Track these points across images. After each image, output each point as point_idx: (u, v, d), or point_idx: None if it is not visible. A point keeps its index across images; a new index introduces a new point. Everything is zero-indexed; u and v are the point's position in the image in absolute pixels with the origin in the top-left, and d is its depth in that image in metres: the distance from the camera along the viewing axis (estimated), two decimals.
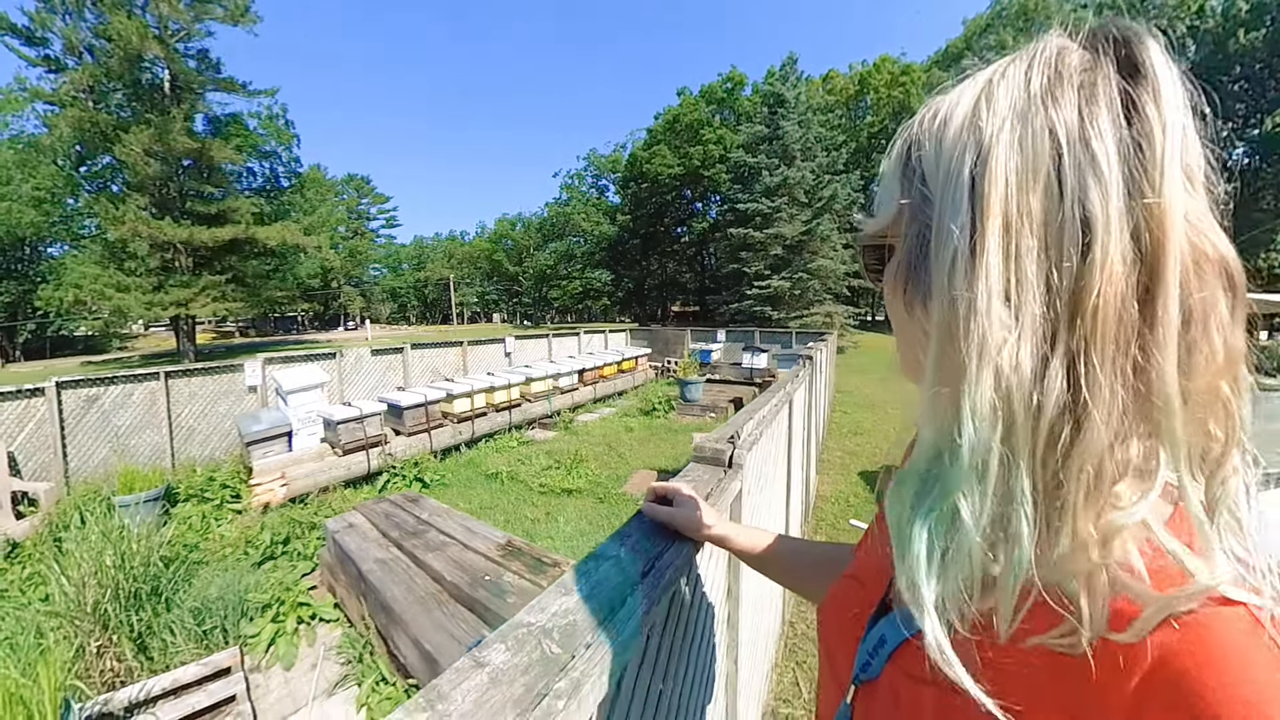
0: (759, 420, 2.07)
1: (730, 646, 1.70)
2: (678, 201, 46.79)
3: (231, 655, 3.13)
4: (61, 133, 22.24)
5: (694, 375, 12.98)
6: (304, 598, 3.90)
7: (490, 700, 0.54)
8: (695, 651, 1.27)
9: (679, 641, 1.09)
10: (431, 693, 0.54)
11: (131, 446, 7.24)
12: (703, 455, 1.53)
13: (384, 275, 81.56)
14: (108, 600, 3.09)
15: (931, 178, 0.44)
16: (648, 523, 0.98)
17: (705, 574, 1.29)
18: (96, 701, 2.47)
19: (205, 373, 8.09)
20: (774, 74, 33.12)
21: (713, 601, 1.40)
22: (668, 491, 1.02)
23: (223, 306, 24.76)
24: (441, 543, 3.56)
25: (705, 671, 1.39)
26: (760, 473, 2.20)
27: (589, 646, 0.64)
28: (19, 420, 6.45)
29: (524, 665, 0.59)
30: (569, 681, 0.58)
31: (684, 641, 1.13)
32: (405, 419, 8.11)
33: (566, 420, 10.77)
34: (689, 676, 1.23)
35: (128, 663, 3.01)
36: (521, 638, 0.63)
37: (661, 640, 0.97)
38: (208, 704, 2.74)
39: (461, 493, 6.90)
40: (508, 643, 0.62)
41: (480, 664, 0.58)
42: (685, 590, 1.07)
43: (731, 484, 1.45)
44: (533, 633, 0.64)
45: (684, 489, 1.01)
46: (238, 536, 5.32)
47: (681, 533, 0.96)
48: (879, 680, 0.54)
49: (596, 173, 57.30)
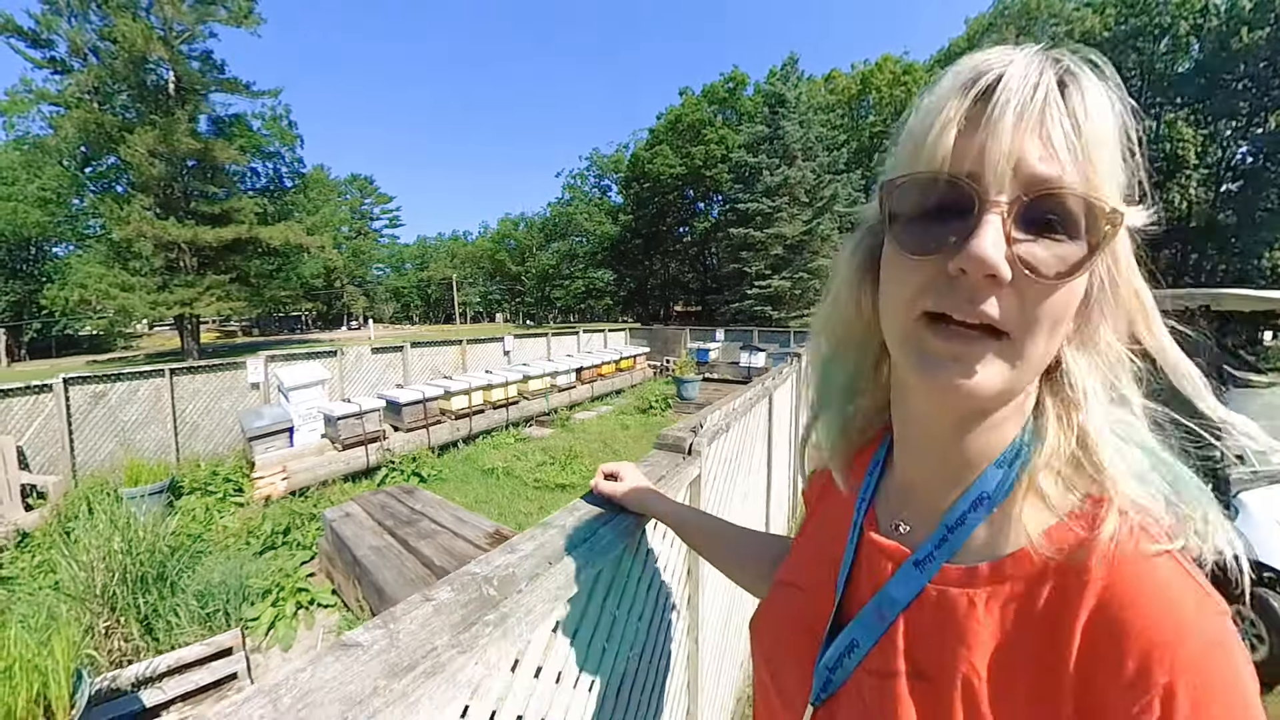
0: (726, 413, 2.21)
1: (691, 627, 1.82)
2: (680, 201, 46.85)
3: (233, 637, 3.29)
4: (67, 134, 22.37)
5: (691, 374, 13.12)
6: (303, 584, 4.07)
7: (432, 624, 0.68)
8: (649, 625, 1.37)
9: (625, 608, 1.21)
10: (387, 616, 0.68)
11: (137, 441, 7.42)
12: (664, 443, 1.67)
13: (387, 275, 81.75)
14: (116, 583, 3.26)
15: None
16: (594, 497, 1.12)
17: (659, 552, 1.41)
18: (106, 677, 2.63)
19: (209, 370, 8.27)
20: (775, 74, 33.25)
21: (669, 580, 1.51)
22: (615, 471, 1.15)
23: (226, 306, 24.92)
24: (433, 531, 3.72)
25: (661, 646, 1.50)
26: (730, 463, 2.32)
27: (520, 592, 0.78)
28: (28, 415, 6.63)
29: (463, 601, 0.73)
30: (498, 615, 0.72)
31: (631, 611, 1.25)
32: (404, 415, 8.28)
33: (564, 418, 10.93)
34: (645, 646, 1.35)
35: (135, 642, 3.17)
36: (465, 582, 0.77)
37: (605, 603, 1.10)
38: (210, 681, 2.90)
39: (458, 487, 7.06)
40: (454, 586, 0.76)
41: (429, 599, 0.72)
42: (629, 560, 1.20)
43: (688, 469, 1.59)
44: (475, 580, 0.78)
45: (625, 468, 1.15)
46: (240, 527, 5.50)
47: (625, 506, 1.09)
48: (841, 691, 0.54)
49: (599, 172, 57.36)
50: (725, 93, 46.41)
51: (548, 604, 0.82)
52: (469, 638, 0.67)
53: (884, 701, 0.49)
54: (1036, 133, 0.40)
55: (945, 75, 0.45)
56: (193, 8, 22.99)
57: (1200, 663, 0.38)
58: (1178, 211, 33.65)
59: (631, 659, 1.24)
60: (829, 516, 0.68)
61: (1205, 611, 0.40)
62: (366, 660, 0.60)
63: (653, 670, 1.41)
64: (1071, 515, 0.45)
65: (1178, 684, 0.37)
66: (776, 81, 30.94)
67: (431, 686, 0.60)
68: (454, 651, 0.64)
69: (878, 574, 0.55)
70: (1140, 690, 0.37)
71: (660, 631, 1.47)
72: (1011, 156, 0.40)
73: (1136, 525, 0.42)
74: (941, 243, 0.43)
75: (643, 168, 44.62)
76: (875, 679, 0.50)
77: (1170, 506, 0.44)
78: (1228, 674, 0.38)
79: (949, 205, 0.43)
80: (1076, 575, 0.42)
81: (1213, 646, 0.38)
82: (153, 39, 21.31)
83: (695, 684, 1.87)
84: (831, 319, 0.61)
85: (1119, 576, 0.41)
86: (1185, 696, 0.36)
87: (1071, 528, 0.44)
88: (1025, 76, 0.41)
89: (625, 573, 1.18)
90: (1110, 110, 0.42)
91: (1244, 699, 0.38)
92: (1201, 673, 0.37)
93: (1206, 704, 0.36)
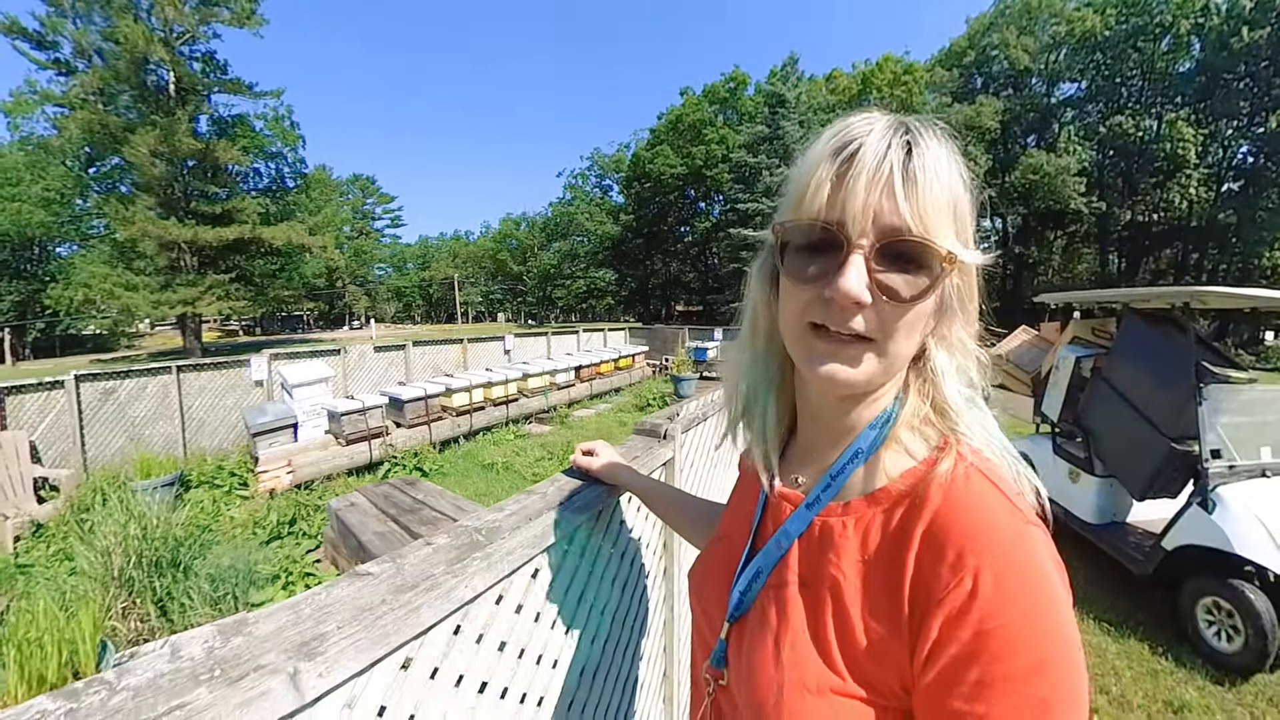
0: (703, 403, 2.37)
1: (668, 596, 1.97)
2: (681, 201, 46.88)
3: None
4: (71, 134, 22.61)
5: (688, 373, 13.27)
6: (309, 569, 4.24)
7: (432, 559, 0.84)
8: (625, 589, 1.52)
9: (600, 569, 1.37)
10: (394, 554, 0.85)
11: (146, 436, 7.60)
12: (642, 429, 1.83)
13: (389, 275, 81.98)
14: (132, 567, 3.43)
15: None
16: (573, 471, 1.28)
17: (635, 525, 1.55)
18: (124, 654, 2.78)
19: (214, 367, 8.46)
20: (776, 74, 33.37)
21: (644, 551, 1.65)
22: (591, 448, 1.32)
23: (228, 305, 25.12)
24: (434, 518, 3.91)
25: (637, 610, 1.64)
26: (707, 451, 2.46)
27: (503, 539, 0.95)
28: (40, 411, 6.81)
29: (457, 545, 0.89)
30: (483, 554, 0.89)
31: (606, 572, 1.39)
32: (406, 412, 8.45)
33: (563, 415, 11.10)
34: (620, 607, 1.50)
35: (151, 623, 3.34)
36: (459, 531, 0.93)
37: (582, 558, 1.26)
38: None
39: (459, 481, 7.23)
40: (450, 534, 0.92)
41: (429, 543, 0.89)
42: (602, 524, 1.35)
43: (662, 451, 1.75)
44: (468, 529, 0.94)
45: (601, 445, 1.31)
46: (246, 519, 5.67)
47: (600, 479, 1.26)
48: (752, 608, 0.66)
49: (600, 172, 57.45)
50: (726, 93, 46.44)
51: (527, 549, 0.99)
52: (460, 567, 0.84)
53: (779, 607, 0.62)
54: (887, 193, 0.53)
55: (822, 136, 0.60)
56: (194, 9, 23.11)
57: (1004, 550, 0.48)
58: (1178, 211, 33.57)
59: (606, 615, 1.40)
60: (749, 482, 0.82)
61: (1015, 518, 0.51)
62: (376, 584, 0.76)
63: (629, 631, 1.56)
64: (925, 462, 0.58)
65: (983, 565, 0.47)
66: (777, 81, 31.10)
67: (430, 599, 0.76)
68: (448, 576, 0.81)
69: (779, 516, 0.69)
70: (956, 570, 0.48)
71: (636, 596, 1.61)
72: (866, 211, 0.53)
73: (972, 467, 0.55)
74: (819, 274, 0.57)
75: (644, 167, 44.69)
76: (773, 591, 0.64)
77: (1006, 456, 0.58)
78: (1027, 559, 0.48)
79: (823, 245, 0.56)
80: (919, 499, 0.55)
81: (1017, 539, 0.49)
82: (153, 41, 21.43)
83: (672, 649, 2.02)
84: (755, 325, 0.74)
85: (948, 497, 0.53)
86: (989, 573, 0.47)
87: (921, 468, 0.58)
88: (877, 148, 0.54)
89: (600, 535, 1.34)
90: (946, 173, 0.55)
91: (1041, 578, 0.48)
92: (1005, 558, 0.48)
93: (1006, 579, 0.47)
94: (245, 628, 0.63)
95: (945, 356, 0.62)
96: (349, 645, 0.67)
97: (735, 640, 0.68)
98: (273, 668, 0.58)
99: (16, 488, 6.15)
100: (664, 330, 19.38)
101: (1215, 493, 3.55)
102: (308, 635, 0.64)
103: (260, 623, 0.64)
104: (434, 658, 0.82)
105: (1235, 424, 3.80)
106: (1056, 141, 35.03)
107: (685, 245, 49.00)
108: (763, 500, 0.74)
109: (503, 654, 0.98)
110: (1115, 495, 4.66)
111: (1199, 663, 3.54)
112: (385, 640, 0.71)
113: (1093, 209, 33.05)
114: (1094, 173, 34.21)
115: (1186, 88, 31.70)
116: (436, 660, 0.82)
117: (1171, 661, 3.57)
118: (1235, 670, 3.42)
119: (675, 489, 1.27)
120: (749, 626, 0.66)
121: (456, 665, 0.87)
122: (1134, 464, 4.20)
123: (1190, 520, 3.67)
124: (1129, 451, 4.25)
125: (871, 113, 0.59)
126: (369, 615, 0.70)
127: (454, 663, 0.86)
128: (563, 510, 1.11)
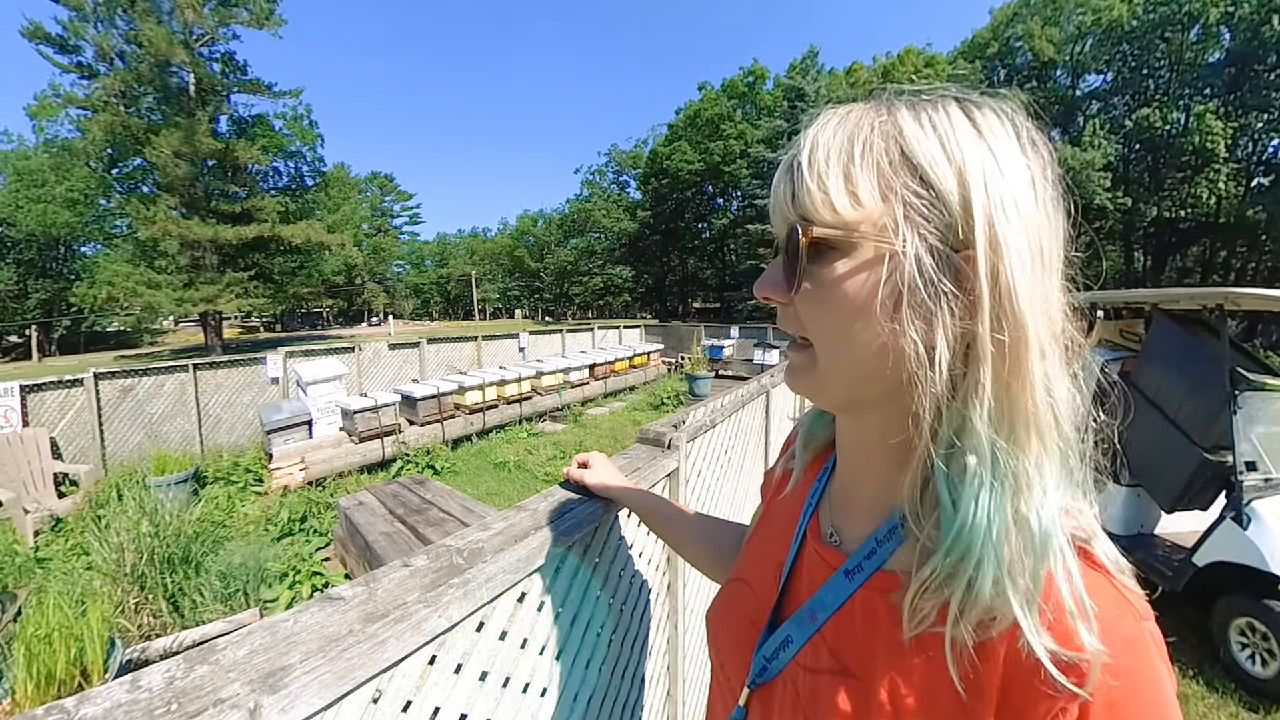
0: (711, 410, 2.30)
1: (672, 613, 1.91)
2: (698, 197, 46.56)
3: (252, 615, 3.50)
4: (94, 136, 23.01)
5: (703, 371, 13.20)
6: (318, 568, 4.27)
7: (406, 584, 0.80)
8: (624, 607, 1.45)
9: (597, 587, 1.31)
10: (369, 577, 0.80)
11: (163, 433, 7.72)
12: (645, 437, 1.77)
13: (407, 271, 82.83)
14: (145, 564, 3.48)
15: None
16: (567, 484, 1.23)
17: (634, 540, 1.47)
18: (136, 648, 2.82)
19: (231, 365, 8.56)
20: (795, 67, 32.99)
21: (645, 567, 1.57)
22: (586, 460, 1.26)
23: (249, 303, 25.52)
24: (441, 519, 3.89)
25: (638, 629, 1.56)
26: (716, 459, 2.38)
27: (485, 563, 0.90)
28: (60, 408, 6.94)
29: (435, 568, 0.85)
30: (461, 580, 0.84)
31: (604, 590, 1.34)
32: (419, 409, 8.48)
33: (576, 413, 11.09)
34: (620, 627, 1.44)
35: (163, 618, 3.40)
36: (440, 552, 0.89)
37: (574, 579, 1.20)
38: None
39: (470, 479, 7.24)
40: (429, 555, 0.88)
41: (406, 565, 0.85)
42: (597, 542, 1.30)
43: (666, 461, 1.68)
44: (448, 551, 0.90)
45: (596, 457, 1.25)
46: (259, 515, 5.73)
47: (594, 493, 1.20)
48: (776, 680, 0.58)
49: (618, 169, 57.27)
50: (744, 87, 46.00)
51: (510, 575, 0.93)
52: (434, 595, 0.79)
53: (815, 695, 0.52)
54: (785, 191, 0.52)
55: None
56: (213, 11, 23.43)
57: (1115, 663, 0.40)
58: (1206, 207, 32.61)
59: (603, 637, 1.34)
60: (777, 518, 0.73)
61: (1125, 616, 0.42)
62: (346, 611, 0.72)
63: (630, 650, 1.49)
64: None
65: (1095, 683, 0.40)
66: (796, 75, 30.80)
67: (398, 630, 0.72)
68: (420, 605, 0.76)
69: (815, 578, 0.59)
70: (1059, 690, 0.40)
71: (637, 615, 1.53)
72: (774, 211, 0.53)
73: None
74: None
75: (661, 164, 44.42)
76: (807, 674, 0.54)
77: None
78: (1143, 673, 0.41)
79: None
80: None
81: (1128, 647, 0.41)
82: (174, 43, 21.75)
83: (676, 668, 1.96)
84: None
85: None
86: (1101, 695, 0.39)
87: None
88: (789, 158, 0.53)
89: (595, 554, 1.28)
90: (835, 138, 0.50)
91: (1159, 696, 0.41)
92: (1117, 673, 0.40)
93: (1120, 702, 0.40)
94: (213, 655, 0.61)
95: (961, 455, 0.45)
96: (312, 680, 0.63)
97: (759, 712, 0.60)
98: (232, 702, 0.56)
99: (38, 482, 6.27)
100: (680, 328, 19.27)
101: (1250, 507, 3.36)
102: (276, 665, 0.61)
103: (229, 649, 0.62)
104: (407, 690, 0.77)
105: (1272, 434, 3.61)
106: (1081, 135, 34.23)
107: (702, 242, 48.72)
108: (795, 547, 0.64)
109: (484, 684, 0.93)
110: (1143, 506, 4.47)
111: (1231, 687, 3.37)
112: (350, 675, 0.66)
113: (1118, 204, 32.27)
114: (1119, 167, 33.41)
115: (1215, 79, 30.80)
116: (409, 693, 0.78)
117: (1203, 686, 3.41)
118: (1270, 698, 3.24)
119: (674, 504, 1.20)
120: (776, 704, 0.58)
121: (432, 698, 0.82)
122: (1163, 474, 4.03)
123: (1223, 535, 3.50)
124: (1158, 461, 4.06)
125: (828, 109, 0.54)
126: (335, 646, 0.66)
127: (429, 695, 0.81)
128: (553, 529, 1.06)
